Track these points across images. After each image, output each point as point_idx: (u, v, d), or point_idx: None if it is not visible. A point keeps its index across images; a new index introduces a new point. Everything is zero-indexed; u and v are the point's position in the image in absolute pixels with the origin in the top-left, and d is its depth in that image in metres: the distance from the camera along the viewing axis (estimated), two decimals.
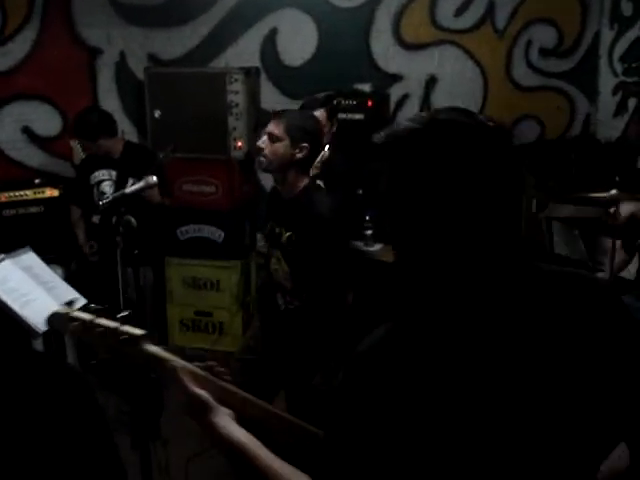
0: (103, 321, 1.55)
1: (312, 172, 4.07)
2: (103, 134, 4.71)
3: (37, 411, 2.04)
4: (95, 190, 4.83)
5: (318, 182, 4.25)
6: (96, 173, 4.84)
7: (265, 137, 3.17)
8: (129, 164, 4.69)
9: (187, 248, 5.52)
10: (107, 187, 4.80)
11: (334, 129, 4.46)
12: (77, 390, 2.20)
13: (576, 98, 6.69)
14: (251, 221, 5.52)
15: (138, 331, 1.56)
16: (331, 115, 4.46)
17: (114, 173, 4.82)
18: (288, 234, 3.17)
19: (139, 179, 3.30)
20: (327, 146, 4.05)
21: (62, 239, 4.94)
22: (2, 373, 2.03)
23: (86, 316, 1.57)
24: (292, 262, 3.20)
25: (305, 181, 3.22)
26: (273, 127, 3.16)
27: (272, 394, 3.42)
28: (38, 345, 4.26)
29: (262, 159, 3.18)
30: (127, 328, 1.55)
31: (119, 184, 4.68)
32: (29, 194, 4.99)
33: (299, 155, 3.13)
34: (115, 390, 4.39)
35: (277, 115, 3.29)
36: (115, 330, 1.54)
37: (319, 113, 4.39)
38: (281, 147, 3.13)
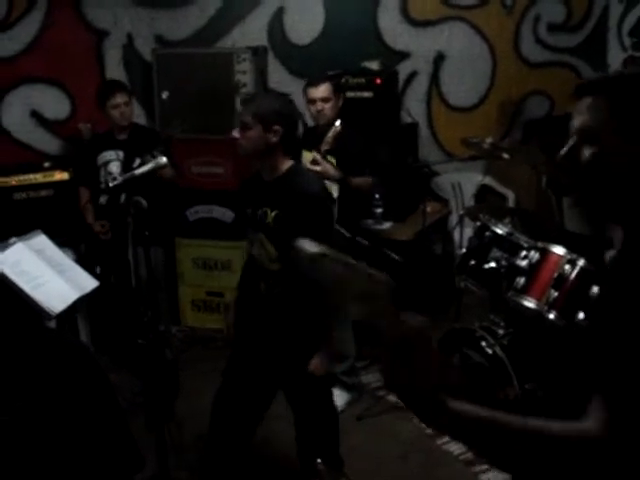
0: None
1: (323, 147, 4.05)
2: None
3: (47, 389, 2.06)
4: (102, 171, 4.84)
5: (330, 159, 4.24)
6: (104, 154, 4.85)
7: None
8: (136, 145, 4.70)
9: (197, 229, 5.53)
10: (114, 167, 4.80)
11: (340, 103, 4.43)
12: (87, 369, 2.22)
13: (585, 73, 6.64)
14: None
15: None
16: (337, 89, 4.43)
17: (121, 153, 4.82)
18: (274, 213, 3.10)
19: (148, 157, 3.29)
20: (339, 121, 4.01)
21: (72, 222, 4.95)
22: (15, 351, 2.05)
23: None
24: (279, 242, 3.14)
25: (288, 163, 3.14)
26: (243, 115, 3.09)
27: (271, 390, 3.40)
28: (51, 325, 4.28)
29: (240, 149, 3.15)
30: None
31: (126, 164, 4.69)
32: (39, 177, 4.99)
33: (274, 139, 3.04)
34: (130, 370, 4.42)
35: (246, 102, 3.23)
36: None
37: (323, 87, 4.37)
38: (253, 134, 3.04)
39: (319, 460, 3.44)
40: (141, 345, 3.18)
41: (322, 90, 4.33)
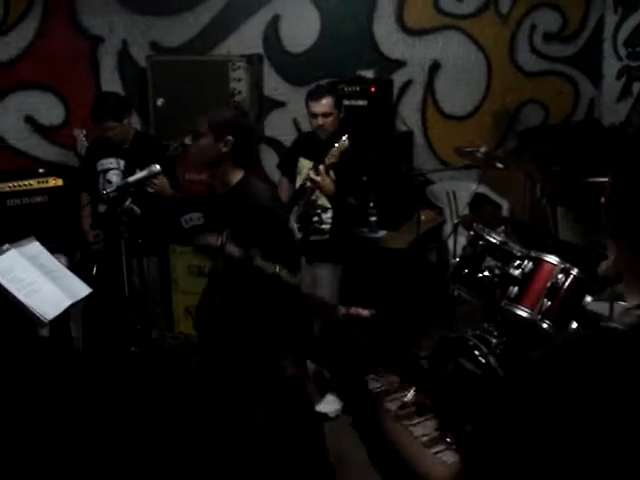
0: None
1: (328, 160, 4.04)
2: (127, 113, 4.72)
3: (38, 397, 2.06)
4: (101, 178, 4.81)
5: (331, 172, 4.23)
6: (103, 161, 4.81)
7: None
8: (139, 154, 4.65)
9: (191, 236, 5.51)
10: (114, 176, 4.75)
11: (341, 116, 4.44)
12: (81, 377, 2.22)
13: (580, 82, 6.67)
14: None
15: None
16: (338, 102, 4.44)
17: (122, 162, 4.77)
18: (228, 230, 3.09)
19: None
20: (345, 135, 4.00)
21: (66, 228, 4.93)
22: (7, 359, 2.04)
23: None
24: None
25: (239, 175, 3.18)
26: (198, 124, 3.17)
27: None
28: (44, 333, 4.26)
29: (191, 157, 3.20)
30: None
31: (127, 174, 4.64)
32: (33, 184, 4.96)
33: (225, 149, 3.11)
34: (123, 378, 4.40)
35: (204, 113, 3.28)
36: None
37: (326, 101, 4.37)
38: (205, 143, 3.13)
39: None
40: (134, 352, 3.17)
41: (323, 105, 4.34)
